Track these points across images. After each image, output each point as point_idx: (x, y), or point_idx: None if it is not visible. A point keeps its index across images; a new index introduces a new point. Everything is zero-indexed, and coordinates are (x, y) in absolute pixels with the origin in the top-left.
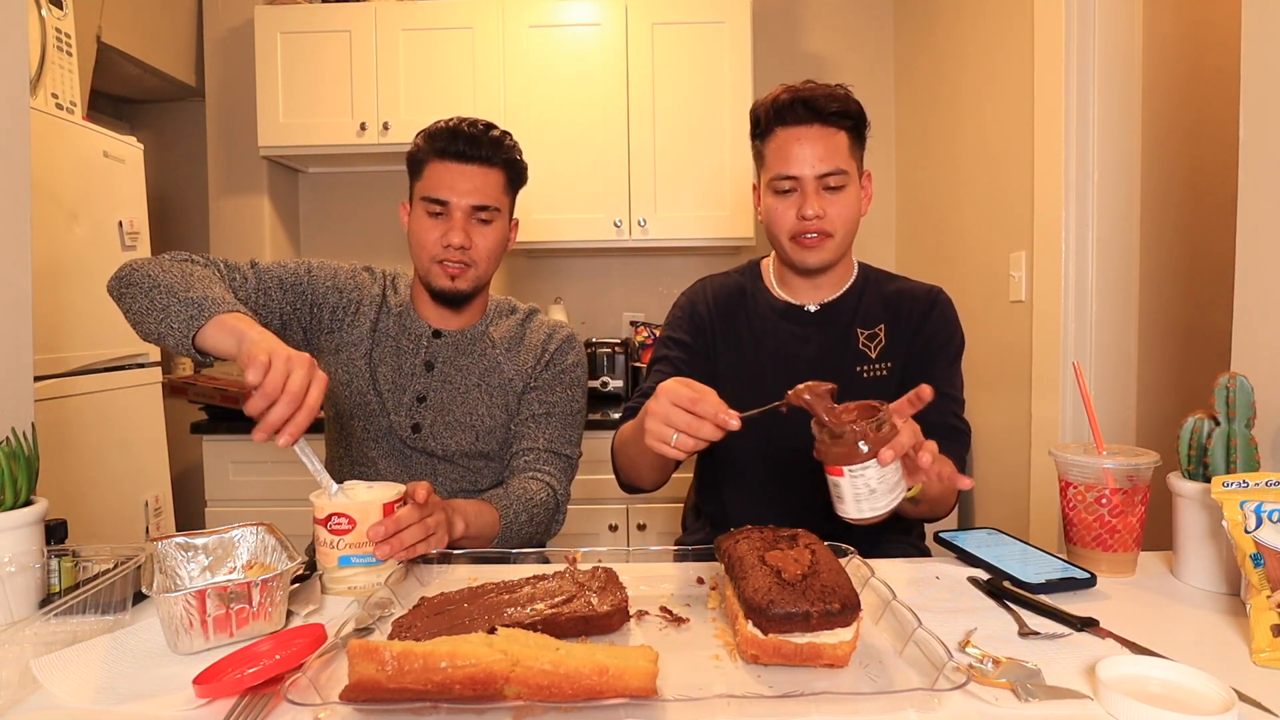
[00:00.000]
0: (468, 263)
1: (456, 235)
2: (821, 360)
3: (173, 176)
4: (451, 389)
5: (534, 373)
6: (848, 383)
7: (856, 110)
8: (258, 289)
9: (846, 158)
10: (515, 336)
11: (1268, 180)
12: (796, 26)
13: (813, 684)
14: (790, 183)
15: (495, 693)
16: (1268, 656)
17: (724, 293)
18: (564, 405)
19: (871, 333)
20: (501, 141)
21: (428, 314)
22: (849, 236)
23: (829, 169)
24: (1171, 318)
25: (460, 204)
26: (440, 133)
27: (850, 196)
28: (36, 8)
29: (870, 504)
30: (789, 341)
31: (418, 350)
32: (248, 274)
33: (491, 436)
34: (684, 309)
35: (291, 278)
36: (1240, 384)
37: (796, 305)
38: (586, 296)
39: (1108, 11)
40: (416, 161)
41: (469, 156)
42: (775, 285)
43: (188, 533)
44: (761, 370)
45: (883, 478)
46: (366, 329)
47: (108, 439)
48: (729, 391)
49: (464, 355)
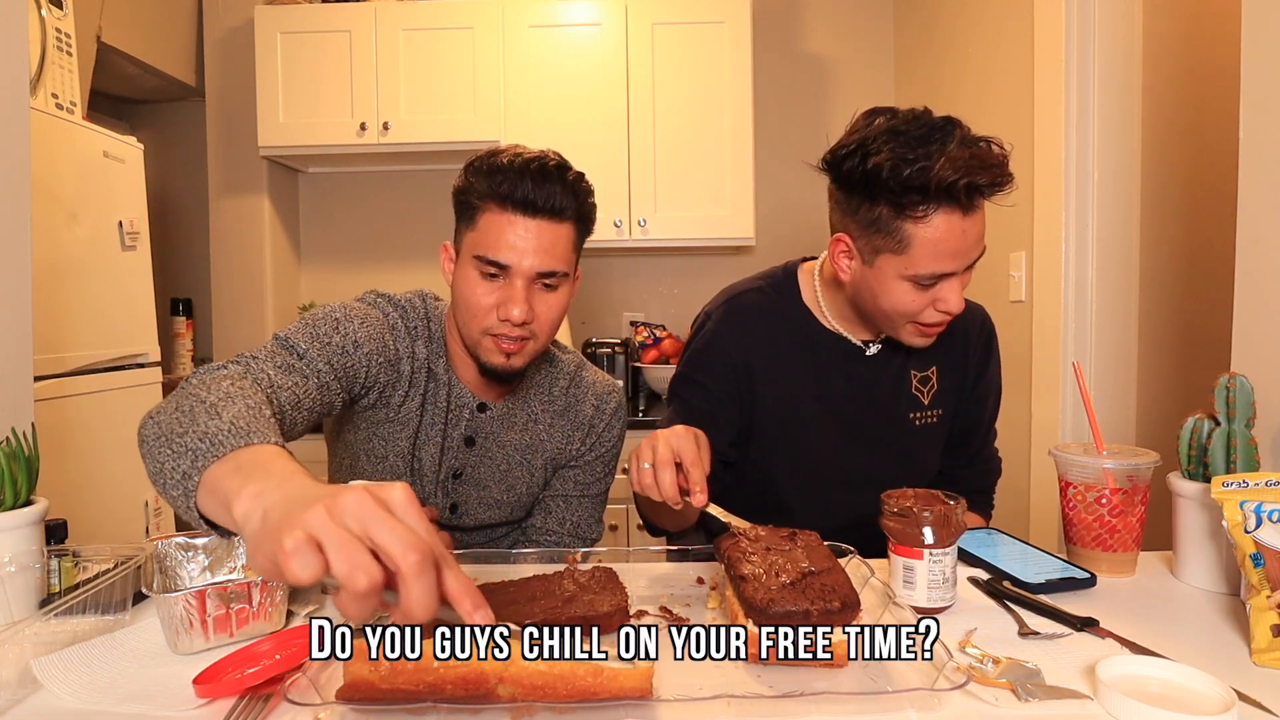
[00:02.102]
0: (527, 336)
1: (518, 307)
2: (875, 403)
3: (173, 176)
4: (491, 465)
5: (578, 452)
6: (901, 433)
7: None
8: (318, 387)
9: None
10: (560, 409)
11: (1268, 180)
12: (796, 26)
13: (812, 684)
14: (938, 280)
15: (488, 692)
16: (1268, 656)
17: (757, 315)
18: (598, 486)
19: (924, 375)
20: (577, 186)
21: (467, 378)
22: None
23: (968, 264)
24: (1171, 318)
25: (523, 267)
26: (503, 171)
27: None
28: (36, 8)
29: (941, 593)
30: (840, 380)
31: (459, 423)
32: (305, 371)
33: (522, 508)
34: (709, 342)
35: (341, 359)
36: (1240, 384)
37: (856, 345)
38: (586, 296)
39: (1108, 11)
40: (468, 205)
41: (537, 209)
42: (822, 307)
43: (188, 533)
44: (809, 411)
45: (954, 567)
46: (415, 405)
47: (108, 439)
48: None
49: (507, 429)
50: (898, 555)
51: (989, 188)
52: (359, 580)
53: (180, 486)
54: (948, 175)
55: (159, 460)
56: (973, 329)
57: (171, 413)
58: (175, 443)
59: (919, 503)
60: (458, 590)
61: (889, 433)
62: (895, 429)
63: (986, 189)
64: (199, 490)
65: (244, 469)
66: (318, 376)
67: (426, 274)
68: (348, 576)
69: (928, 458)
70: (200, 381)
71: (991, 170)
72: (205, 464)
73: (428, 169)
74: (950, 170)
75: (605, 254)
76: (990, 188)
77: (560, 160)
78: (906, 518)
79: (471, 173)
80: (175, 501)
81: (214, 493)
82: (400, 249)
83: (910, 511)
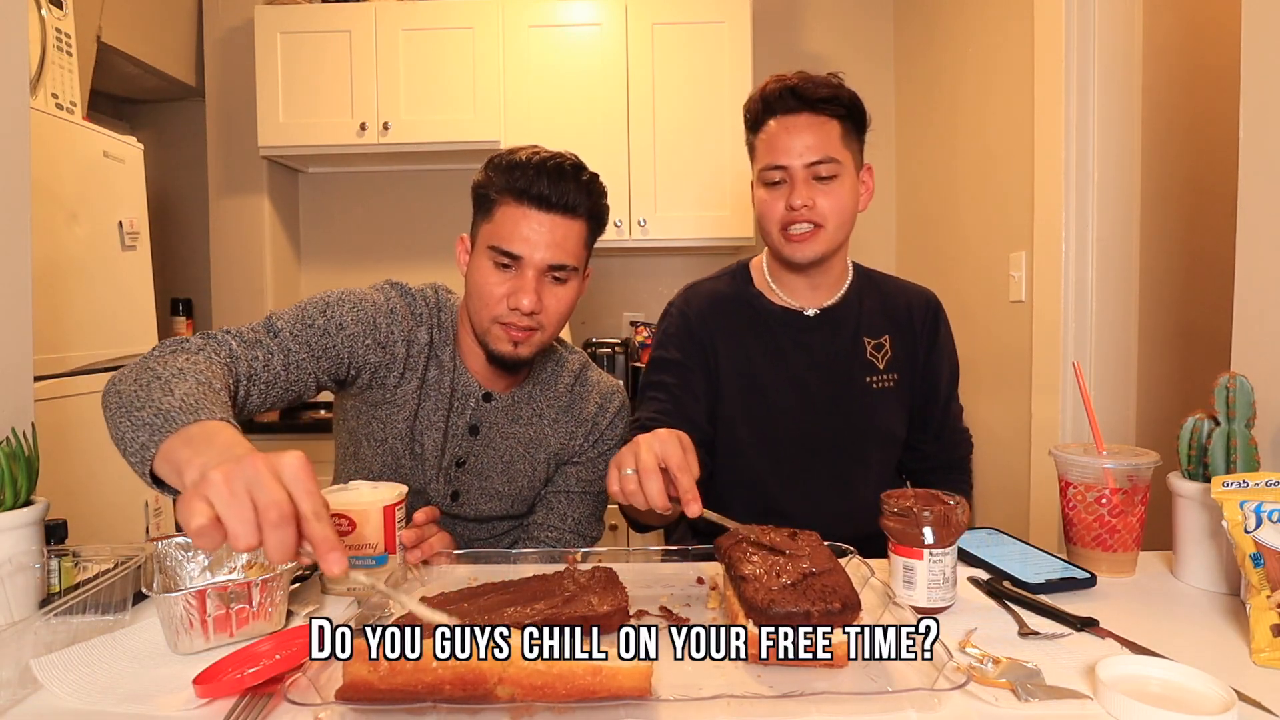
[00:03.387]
0: (535, 327)
1: (527, 297)
2: (831, 368)
3: (173, 176)
4: (494, 455)
5: (580, 449)
6: (858, 394)
7: (849, 98)
8: (285, 365)
9: (838, 147)
10: (565, 404)
11: (1268, 180)
12: (796, 26)
13: (812, 684)
14: (779, 173)
15: (486, 692)
16: (1268, 656)
17: (715, 299)
18: (600, 484)
19: (878, 342)
20: (591, 186)
21: (475, 367)
22: (842, 230)
23: (818, 157)
24: (1171, 318)
25: (535, 259)
26: (520, 167)
27: (843, 187)
28: (36, 8)
29: (941, 593)
30: (793, 349)
31: (464, 411)
32: (271, 347)
33: (524, 502)
34: (675, 321)
35: (321, 340)
36: (1240, 384)
37: (795, 309)
38: (586, 296)
39: (1108, 11)
40: (485, 198)
41: (551, 204)
42: (772, 286)
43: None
44: (767, 380)
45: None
46: (413, 388)
47: (108, 439)
48: (736, 404)
49: (512, 421)
50: (898, 555)
51: (806, 87)
52: (236, 527)
53: (138, 455)
54: (770, 88)
55: (120, 429)
56: (916, 305)
57: (131, 384)
58: (134, 416)
59: (919, 503)
60: (317, 539)
61: (845, 394)
62: (852, 390)
63: (800, 89)
64: (155, 459)
65: (193, 442)
66: (285, 355)
67: (427, 274)
68: (228, 522)
69: (889, 421)
70: (159, 355)
71: (807, 79)
72: (161, 439)
73: (428, 169)
74: (774, 85)
75: (605, 254)
76: (809, 87)
77: (577, 161)
78: (906, 518)
79: (491, 168)
80: (133, 466)
81: (168, 461)
82: (400, 249)
83: (910, 511)
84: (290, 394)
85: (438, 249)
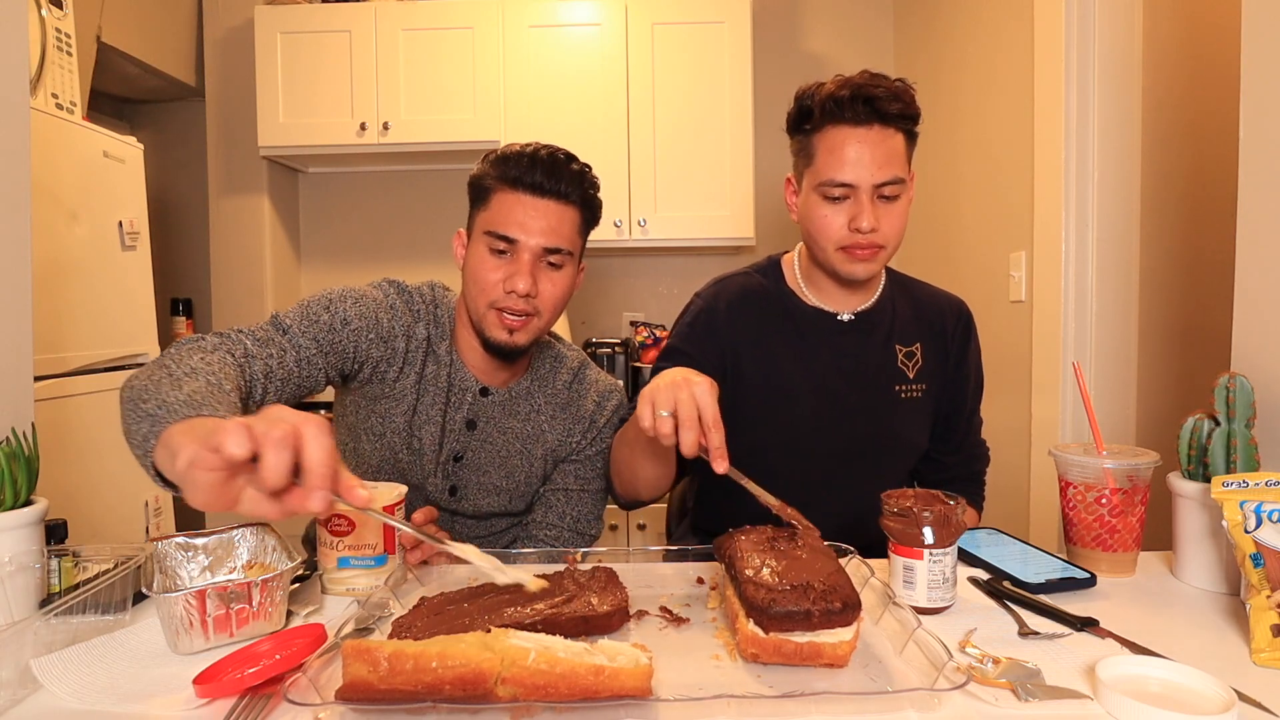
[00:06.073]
0: (531, 312)
1: (522, 280)
2: (860, 375)
3: (173, 176)
4: (491, 450)
5: (578, 445)
6: (887, 403)
7: (917, 112)
8: (298, 361)
9: (905, 164)
10: (563, 401)
11: (1268, 180)
12: (796, 26)
13: (812, 684)
14: (844, 190)
15: (487, 692)
16: (1268, 656)
17: (746, 296)
18: (599, 482)
19: (909, 350)
20: (583, 176)
21: (473, 362)
22: (898, 248)
23: (888, 177)
24: (1171, 318)
25: (530, 244)
26: (514, 159)
27: (903, 207)
28: (36, 8)
29: (941, 593)
30: (823, 352)
31: (461, 406)
32: (283, 344)
33: (522, 499)
34: (699, 316)
35: (328, 335)
36: (1240, 384)
37: (829, 312)
38: (586, 296)
39: (1108, 11)
40: (481, 188)
41: (545, 190)
42: (803, 286)
43: (188, 533)
44: (793, 383)
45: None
46: (411, 383)
47: (108, 439)
48: (758, 406)
49: (509, 416)
50: (898, 555)
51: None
52: (266, 444)
53: (141, 447)
54: (835, 91)
55: (128, 421)
56: (949, 314)
57: (144, 380)
58: (140, 408)
59: (919, 503)
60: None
61: (873, 403)
62: (880, 399)
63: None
64: (156, 449)
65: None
66: (297, 351)
67: (427, 274)
68: (265, 436)
69: (914, 432)
70: (175, 353)
71: (881, 87)
72: (160, 429)
73: (428, 169)
74: (834, 87)
75: (605, 254)
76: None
77: (569, 154)
78: (906, 518)
79: (486, 162)
80: (139, 459)
81: (166, 448)
82: (400, 249)
83: (910, 511)
84: (302, 390)
85: (437, 249)
